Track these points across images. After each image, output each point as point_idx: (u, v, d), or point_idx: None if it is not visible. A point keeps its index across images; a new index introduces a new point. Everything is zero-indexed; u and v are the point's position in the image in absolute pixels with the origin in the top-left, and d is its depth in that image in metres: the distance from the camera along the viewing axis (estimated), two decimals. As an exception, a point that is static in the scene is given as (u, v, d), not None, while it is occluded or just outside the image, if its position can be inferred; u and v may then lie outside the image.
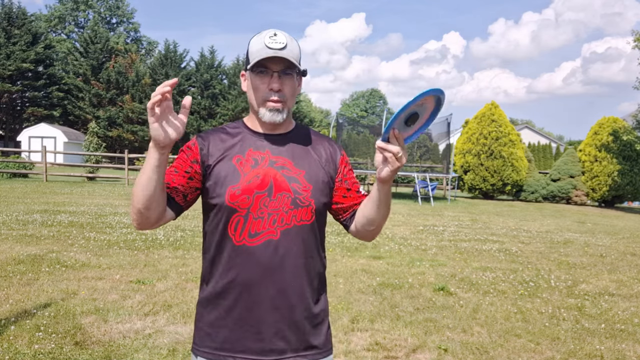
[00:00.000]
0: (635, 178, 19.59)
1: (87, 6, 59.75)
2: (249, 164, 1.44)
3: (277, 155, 1.46)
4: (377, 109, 74.92)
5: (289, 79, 1.43)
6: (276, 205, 1.41)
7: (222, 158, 1.45)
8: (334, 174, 1.52)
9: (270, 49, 1.38)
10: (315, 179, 1.47)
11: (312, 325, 1.47)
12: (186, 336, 3.72)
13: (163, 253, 6.51)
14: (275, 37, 1.40)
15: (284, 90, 1.43)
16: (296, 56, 1.43)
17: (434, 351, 3.66)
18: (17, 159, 20.49)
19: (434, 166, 24.83)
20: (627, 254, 8.21)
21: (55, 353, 3.32)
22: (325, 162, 1.52)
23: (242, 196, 1.40)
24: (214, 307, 1.45)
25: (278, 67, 1.41)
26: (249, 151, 1.46)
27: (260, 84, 1.43)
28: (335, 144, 1.59)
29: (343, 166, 1.55)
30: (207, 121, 41.99)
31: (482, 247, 8.22)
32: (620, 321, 4.54)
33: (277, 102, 1.42)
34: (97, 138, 27.40)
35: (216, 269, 1.45)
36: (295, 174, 1.45)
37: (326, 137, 1.60)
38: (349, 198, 1.54)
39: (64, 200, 12.41)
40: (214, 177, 1.44)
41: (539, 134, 49.30)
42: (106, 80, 42.50)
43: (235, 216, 1.41)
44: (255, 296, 1.41)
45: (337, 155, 1.55)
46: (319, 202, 1.47)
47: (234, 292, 1.42)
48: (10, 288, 4.69)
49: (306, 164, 1.48)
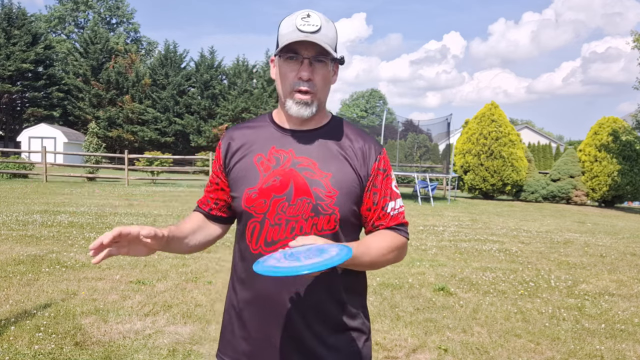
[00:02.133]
0: (635, 178, 19.59)
1: (87, 6, 59.76)
2: (270, 163, 1.30)
3: (302, 155, 1.30)
4: (377, 109, 74.90)
5: (322, 67, 1.26)
6: (295, 212, 1.26)
7: (244, 156, 1.34)
8: (364, 181, 1.32)
9: (301, 32, 1.22)
10: (343, 184, 1.28)
11: (345, 342, 1.32)
12: (186, 336, 3.72)
13: (163, 253, 6.51)
14: (308, 19, 1.24)
15: (315, 79, 1.26)
16: (331, 41, 1.25)
17: (434, 351, 3.66)
18: (17, 159, 20.48)
19: (434, 166, 24.84)
20: (627, 254, 8.21)
21: (55, 353, 3.32)
22: (357, 164, 1.31)
23: (258, 200, 1.28)
24: (235, 317, 1.37)
25: (309, 52, 1.24)
26: (272, 149, 1.31)
27: (289, 72, 1.26)
28: (374, 145, 1.35)
29: (376, 173, 1.33)
30: (207, 121, 41.96)
31: (482, 247, 8.21)
32: (620, 321, 4.54)
33: (305, 94, 1.26)
34: (97, 138, 27.42)
35: (237, 278, 1.37)
36: (320, 177, 1.28)
37: (366, 134, 1.39)
38: (372, 213, 1.34)
39: (64, 201, 12.41)
40: (233, 177, 1.34)
41: (539, 134, 49.31)
42: (106, 81, 42.49)
43: (252, 222, 1.30)
44: (272, 310, 1.29)
45: (372, 159, 1.33)
46: (345, 210, 1.28)
47: (252, 304, 1.33)
48: (10, 288, 4.69)
49: (334, 166, 1.29)
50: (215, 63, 44.48)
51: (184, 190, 17.64)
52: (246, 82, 42.75)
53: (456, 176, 20.54)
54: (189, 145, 41.62)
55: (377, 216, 1.34)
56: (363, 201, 1.33)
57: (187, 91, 43.60)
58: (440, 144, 29.52)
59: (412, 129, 25.41)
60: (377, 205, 1.33)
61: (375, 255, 1.28)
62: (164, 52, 44.81)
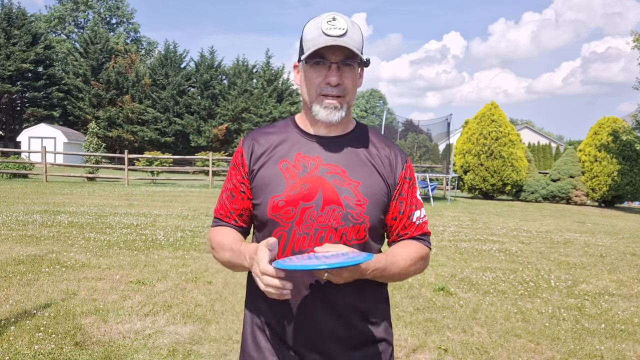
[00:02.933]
0: (635, 178, 19.59)
1: (87, 6, 59.76)
2: (296, 170, 1.26)
3: (330, 162, 1.27)
4: (377, 109, 74.90)
5: (350, 71, 1.24)
6: (324, 220, 1.23)
7: (267, 161, 1.29)
8: (392, 190, 1.31)
9: (328, 37, 1.20)
10: (372, 192, 1.26)
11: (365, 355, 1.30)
12: (186, 336, 3.72)
13: (163, 253, 6.51)
14: (334, 22, 1.21)
15: (344, 83, 1.24)
16: (358, 44, 1.23)
17: (434, 351, 3.66)
18: (17, 159, 20.48)
19: (434, 166, 24.83)
20: (627, 254, 8.21)
21: (55, 353, 3.32)
22: (385, 172, 1.30)
23: (285, 208, 1.24)
24: (257, 330, 1.33)
25: (337, 56, 1.22)
26: (297, 155, 1.28)
27: (316, 77, 1.24)
28: (400, 153, 1.35)
29: (402, 182, 1.32)
30: (207, 121, 41.96)
31: (482, 247, 8.21)
32: (620, 321, 4.54)
33: (335, 98, 1.23)
34: (97, 138, 27.45)
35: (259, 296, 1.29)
36: (349, 185, 1.25)
37: (391, 142, 1.38)
38: (398, 222, 1.33)
39: (63, 201, 12.41)
40: (257, 183, 1.29)
41: (538, 134, 49.31)
42: (106, 81, 42.48)
43: (278, 230, 1.25)
44: (299, 322, 1.26)
45: (399, 167, 1.32)
46: (374, 219, 1.27)
47: (277, 316, 1.29)
48: (10, 288, 4.69)
49: (363, 174, 1.27)
50: (215, 63, 44.47)
51: (183, 190, 17.63)
52: (246, 82, 42.74)
53: (456, 176, 20.54)
54: (189, 145, 41.61)
55: (402, 225, 1.33)
56: (389, 210, 1.31)
57: (187, 91, 43.59)
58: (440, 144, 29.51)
59: (412, 129, 25.40)
60: (403, 214, 1.32)
61: (403, 266, 1.27)
62: (164, 52, 44.81)
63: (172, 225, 8.86)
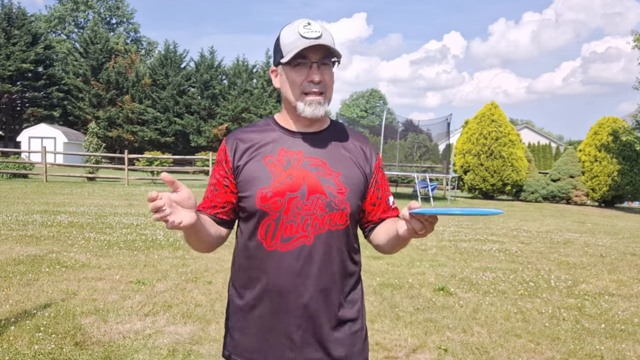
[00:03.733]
0: (635, 178, 19.59)
1: (87, 6, 59.77)
2: (280, 164, 1.36)
3: (311, 155, 1.38)
4: (377, 109, 74.90)
5: (328, 68, 1.36)
6: (310, 208, 1.34)
7: (252, 158, 1.39)
8: (369, 178, 1.44)
9: (306, 39, 1.31)
10: (351, 182, 1.39)
11: (347, 336, 1.40)
12: (186, 336, 3.72)
13: (163, 253, 6.51)
14: (309, 26, 1.33)
15: (325, 80, 1.35)
16: (332, 44, 1.35)
17: (434, 351, 3.66)
18: (17, 159, 20.48)
19: (434, 166, 24.84)
20: (627, 254, 8.21)
21: (55, 353, 3.32)
22: (361, 162, 1.43)
23: (273, 198, 1.33)
24: (245, 314, 1.40)
25: (317, 56, 1.33)
26: (281, 150, 1.38)
27: (298, 77, 1.34)
28: (373, 146, 1.50)
29: (377, 171, 1.47)
30: (207, 121, 41.97)
31: (482, 247, 8.22)
32: (620, 321, 4.54)
33: (318, 95, 1.34)
34: (97, 138, 27.44)
35: (246, 274, 1.40)
36: (330, 176, 1.37)
37: (363, 136, 1.52)
38: (377, 207, 1.47)
39: (63, 201, 12.41)
40: (244, 178, 1.38)
41: (539, 134, 49.31)
42: (106, 81, 42.50)
43: (266, 220, 1.34)
44: (287, 304, 1.35)
45: (373, 158, 1.47)
46: (354, 206, 1.39)
47: (265, 299, 1.37)
48: (10, 288, 4.69)
49: (342, 165, 1.40)
50: (215, 63, 44.49)
51: (184, 190, 17.61)
52: (246, 82, 42.75)
53: (456, 176, 20.54)
54: (189, 145, 41.63)
55: (382, 209, 1.47)
56: (367, 196, 1.44)
57: (187, 91, 43.60)
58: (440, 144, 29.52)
59: (412, 129, 25.42)
60: (381, 199, 1.47)
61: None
62: (164, 52, 44.83)
63: (172, 225, 8.86)
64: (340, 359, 1.38)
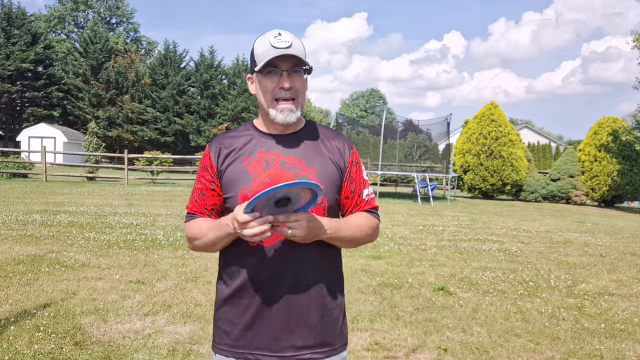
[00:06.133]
0: (635, 178, 19.59)
1: (87, 6, 59.76)
2: (260, 165, 1.45)
3: (288, 155, 1.46)
4: (377, 109, 74.91)
5: (299, 76, 1.44)
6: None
7: (233, 161, 1.47)
8: (343, 173, 1.51)
9: (277, 49, 1.39)
10: (327, 177, 1.46)
11: (328, 322, 1.48)
12: (186, 336, 3.72)
13: (163, 253, 6.51)
14: (280, 37, 1.41)
15: (295, 86, 1.43)
16: (303, 54, 1.43)
17: (434, 351, 3.66)
18: (17, 159, 20.49)
19: (434, 166, 24.85)
20: (627, 254, 8.21)
21: (55, 353, 3.32)
22: (336, 158, 1.51)
23: None
24: (232, 306, 1.47)
25: (287, 65, 1.41)
26: (260, 153, 1.47)
27: (270, 84, 1.43)
28: (347, 141, 1.57)
29: (351, 166, 1.53)
30: (207, 121, 41.97)
31: (482, 247, 8.22)
32: (620, 321, 4.54)
33: (288, 101, 1.42)
34: (97, 138, 27.45)
35: (232, 268, 1.48)
36: (307, 173, 1.44)
37: (337, 133, 1.59)
38: (350, 201, 1.53)
39: (63, 201, 12.41)
40: (227, 180, 1.46)
41: (539, 134, 49.32)
42: (106, 81, 42.49)
43: None
44: (271, 295, 1.42)
45: (347, 154, 1.53)
46: (331, 199, 1.47)
47: (250, 291, 1.44)
48: (10, 288, 4.69)
49: (317, 162, 1.48)
50: (215, 63, 44.49)
51: (184, 190, 17.63)
52: (246, 82, 42.69)
53: (456, 176, 20.54)
54: (189, 145, 41.63)
55: (354, 203, 1.54)
56: (342, 190, 1.52)
57: (187, 91, 43.60)
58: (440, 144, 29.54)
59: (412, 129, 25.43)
60: (354, 193, 1.53)
61: (354, 230, 1.48)
62: (164, 52, 44.83)
63: (172, 225, 8.87)
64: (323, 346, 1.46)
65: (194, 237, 1.49)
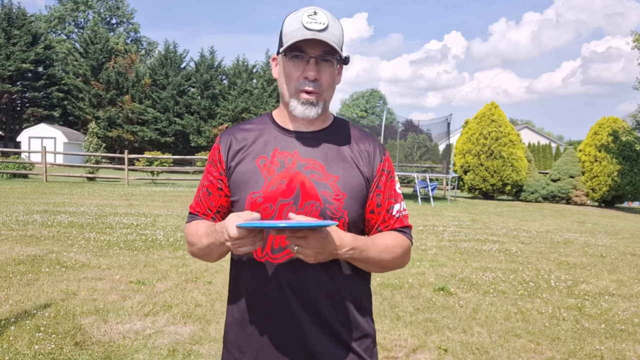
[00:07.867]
0: (635, 178, 19.59)
1: (87, 6, 59.76)
2: (274, 166, 1.25)
3: (308, 157, 1.25)
4: (377, 109, 74.90)
5: (328, 67, 1.22)
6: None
7: (244, 158, 1.28)
8: (370, 183, 1.28)
9: (308, 30, 1.18)
10: (350, 186, 1.25)
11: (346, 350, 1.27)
12: (186, 336, 3.72)
13: (163, 253, 6.51)
14: (314, 16, 1.19)
15: (321, 79, 1.21)
16: (338, 40, 1.21)
17: (434, 351, 3.65)
18: (17, 159, 20.48)
19: (434, 166, 24.83)
20: (627, 254, 8.21)
21: (55, 353, 3.32)
22: (363, 164, 1.28)
23: (264, 204, 1.22)
24: (239, 328, 1.31)
25: (316, 51, 1.20)
26: (275, 151, 1.26)
27: (294, 71, 1.21)
28: (379, 145, 1.33)
29: (380, 174, 1.29)
30: (206, 121, 41.95)
31: (482, 247, 8.21)
32: (620, 321, 4.54)
33: (311, 94, 1.21)
34: (97, 138, 27.42)
35: (239, 286, 1.31)
36: (327, 180, 1.23)
37: (369, 135, 1.36)
38: (376, 216, 1.30)
39: (63, 201, 12.41)
40: (234, 180, 1.28)
41: (539, 134, 49.30)
42: (106, 81, 42.48)
43: None
44: (279, 318, 1.25)
45: (377, 159, 1.30)
46: (354, 213, 1.25)
47: (257, 313, 1.27)
48: (10, 288, 4.69)
49: (341, 168, 1.26)
50: (215, 63, 44.47)
51: (184, 190, 17.63)
52: (246, 82, 42.73)
53: (456, 176, 20.54)
54: (189, 145, 41.61)
55: (382, 219, 1.30)
56: (367, 203, 1.29)
57: (187, 91, 43.58)
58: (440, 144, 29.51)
59: (412, 129, 25.41)
60: (381, 207, 1.29)
61: (381, 250, 1.24)
62: (164, 52, 44.81)
63: (172, 225, 8.86)
64: None
65: (190, 242, 1.32)
